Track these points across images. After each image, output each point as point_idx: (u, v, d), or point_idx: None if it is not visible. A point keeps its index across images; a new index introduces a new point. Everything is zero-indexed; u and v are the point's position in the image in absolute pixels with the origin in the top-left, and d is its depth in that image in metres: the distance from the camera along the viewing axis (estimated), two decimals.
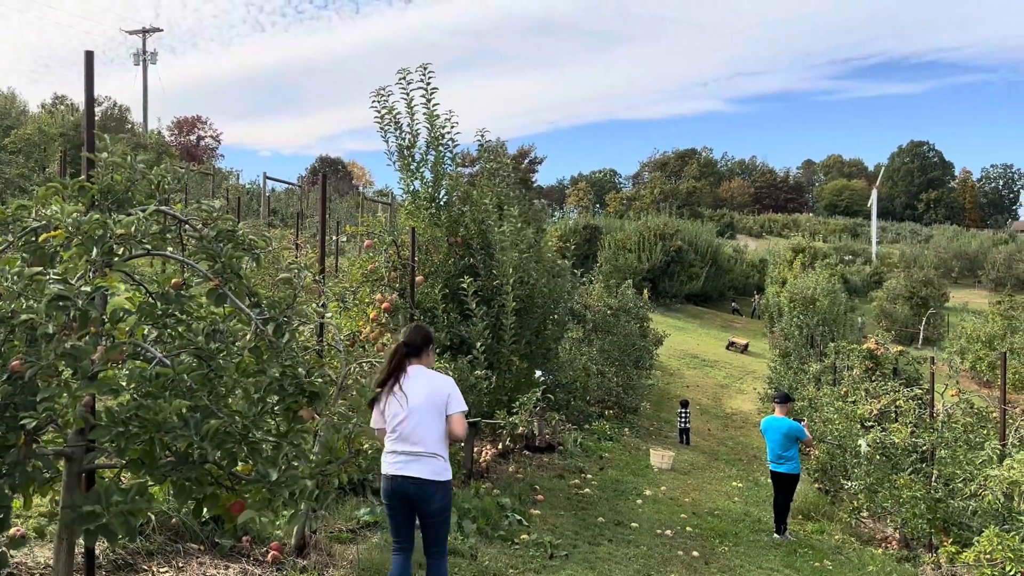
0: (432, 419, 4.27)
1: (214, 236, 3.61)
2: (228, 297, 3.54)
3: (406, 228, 7.86)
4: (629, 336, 17.47)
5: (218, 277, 3.53)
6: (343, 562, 5.18)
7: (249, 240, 3.69)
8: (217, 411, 3.21)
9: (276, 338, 3.49)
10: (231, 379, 3.32)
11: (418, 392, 4.29)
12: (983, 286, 60.68)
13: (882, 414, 11.05)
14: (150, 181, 3.77)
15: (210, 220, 3.67)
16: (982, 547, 5.67)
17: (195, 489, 3.28)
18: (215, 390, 3.27)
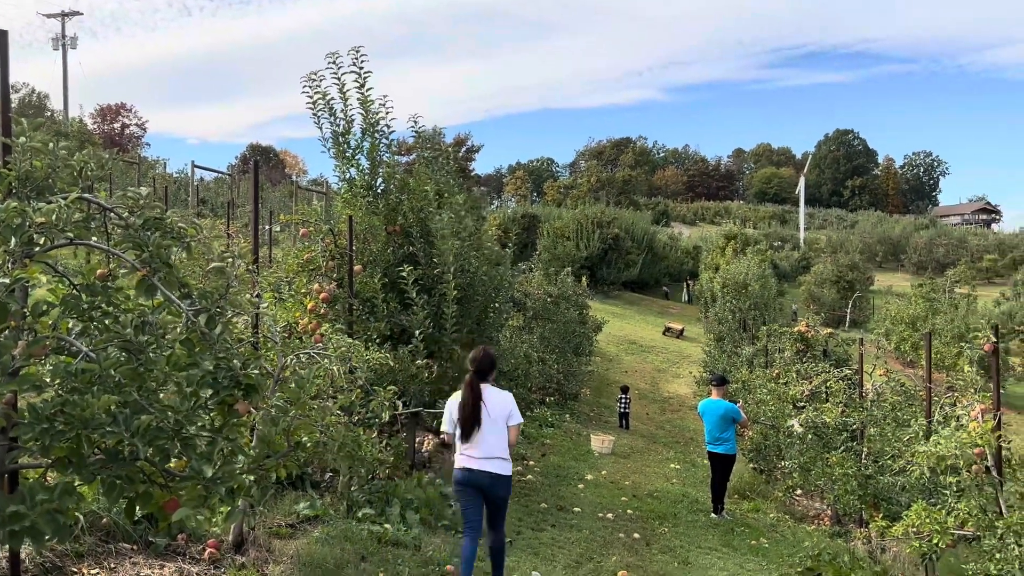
0: (498, 429, 5.44)
1: (141, 224, 3.47)
2: (157, 288, 3.41)
3: (343, 217, 7.72)
4: (569, 323, 17.60)
5: (146, 267, 3.40)
6: (283, 557, 5.08)
7: (178, 228, 3.57)
8: (148, 406, 3.09)
9: (209, 330, 3.38)
10: (162, 373, 3.21)
11: (490, 409, 5.44)
12: (906, 269, 63.15)
13: (813, 394, 11.38)
14: (72, 168, 3.60)
15: (136, 208, 3.54)
16: (910, 521, 5.89)
17: (127, 487, 3.16)
18: (145, 384, 3.15)
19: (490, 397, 5.48)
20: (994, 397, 5.87)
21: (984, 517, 5.55)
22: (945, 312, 27.76)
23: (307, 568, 4.90)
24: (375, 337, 7.84)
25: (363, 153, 8.64)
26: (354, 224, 7.95)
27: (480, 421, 5.39)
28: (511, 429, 5.48)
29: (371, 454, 5.23)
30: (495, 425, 5.42)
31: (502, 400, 5.51)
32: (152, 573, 4.74)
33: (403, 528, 6.12)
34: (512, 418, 5.49)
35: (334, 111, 8.46)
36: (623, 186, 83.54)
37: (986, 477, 5.74)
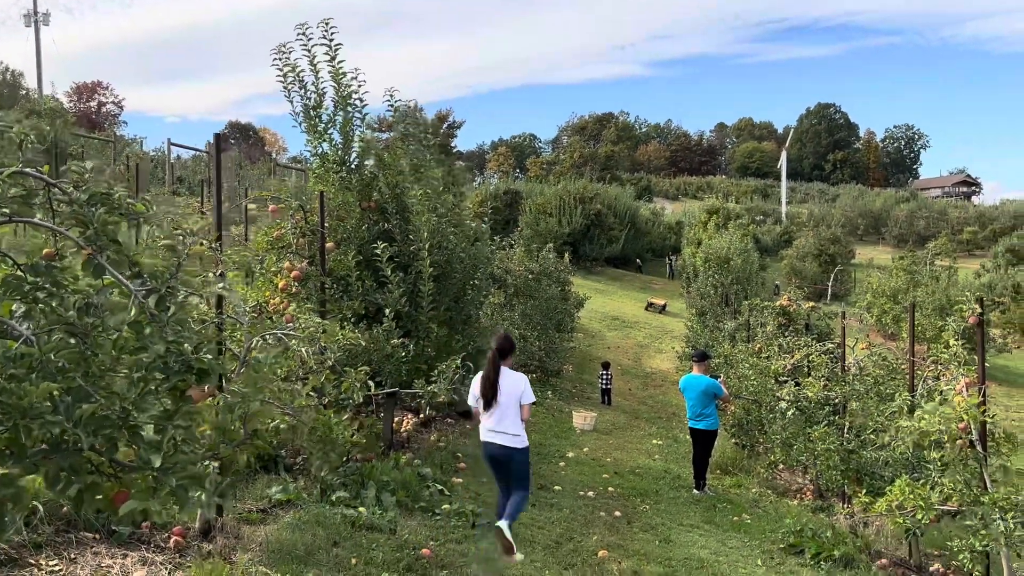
0: (512, 407, 6.08)
1: (86, 200, 3.26)
2: (105, 268, 3.21)
3: (315, 193, 7.49)
4: (551, 300, 17.45)
5: (91, 245, 3.19)
6: (252, 544, 4.91)
7: (127, 204, 3.36)
8: (93, 393, 2.90)
9: (159, 311, 3.18)
10: (109, 357, 3.01)
11: (505, 388, 6.08)
12: (887, 243, 63.47)
13: (795, 369, 11.33)
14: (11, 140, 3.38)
15: (82, 183, 3.32)
16: (894, 496, 5.82)
17: (73, 479, 2.98)
18: (91, 370, 2.96)
19: (505, 378, 6.13)
20: (979, 370, 5.78)
21: (969, 492, 5.49)
22: (926, 285, 27.89)
23: (276, 555, 4.75)
24: (349, 316, 7.65)
25: (335, 127, 8.39)
26: (327, 200, 7.72)
27: (497, 397, 6.07)
28: (524, 407, 6.12)
29: (343, 437, 5.06)
30: (509, 403, 6.08)
31: (515, 381, 6.15)
32: (114, 563, 4.57)
33: (378, 511, 5.97)
34: (525, 397, 6.13)
35: (305, 84, 8.19)
36: (606, 162, 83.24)
37: (970, 452, 5.66)
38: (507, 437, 6.05)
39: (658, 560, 6.41)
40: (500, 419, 6.06)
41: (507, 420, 6.05)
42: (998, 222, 63.30)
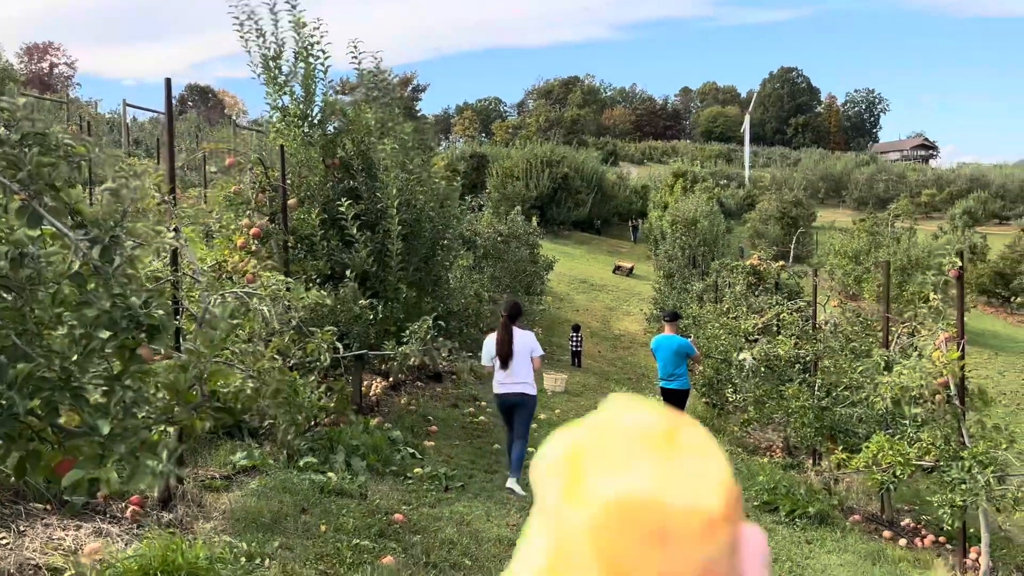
0: (525, 360, 6.95)
1: (18, 140, 2.95)
2: (42, 215, 2.91)
3: (275, 148, 7.14)
4: (520, 262, 17.24)
5: (25, 190, 2.89)
6: (215, 512, 4.68)
7: (65, 145, 3.05)
8: (30, 352, 2.63)
9: (103, 263, 2.89)
10: (47, 313, 2.74)
11: (518, 347, 6.92)
12: (847, 205, 64.19)
13: (765, 328, 11.30)
14: None
15: (13, 122, 3.00)
16: (871, 452, 5.76)
17: (11, 446, 2.71)
18: (26, 327, 2.68)
19: (517, 336, 6.97)
20: (958, 325, 5.71)
21: (947, 447, 5.44)
22: (888, 245, 28.19)
23: (240, 523, 4.52)
24: (314, 276, 7.36)
25: (296, 79, 7.99)
26: (289, 156, 7.38)
27: (512, 354, 6.87)
28: (535, 359, 7.02)
29: (310, 400, 4.82)
30: (522, 357, 6.94)
31: (526, 338, 7.03)
32: (66, 535, 4.31)
33: (348, 476, 5.77)
34: (535, 351, 7.03)
35: (263, 33, 7.78)
36: (572, 126, 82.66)
37: (948, 407, 5.61)
38: (522, 385, 6.93)
39: None
40: (515, 372, 6.91)
41: (521, 372, 6.93)
42: (955, 185, 64.24)
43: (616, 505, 0.39)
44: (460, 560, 4.71)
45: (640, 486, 0.39)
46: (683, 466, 0.40)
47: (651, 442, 0.41)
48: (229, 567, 3.92)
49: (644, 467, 0.40)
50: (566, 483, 0.41)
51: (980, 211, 51.69)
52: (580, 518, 0.39)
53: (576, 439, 0.43)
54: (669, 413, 0.44)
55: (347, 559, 4.34)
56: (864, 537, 6.68)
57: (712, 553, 0.39)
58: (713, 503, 0.39)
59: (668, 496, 0.39)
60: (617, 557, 0.39)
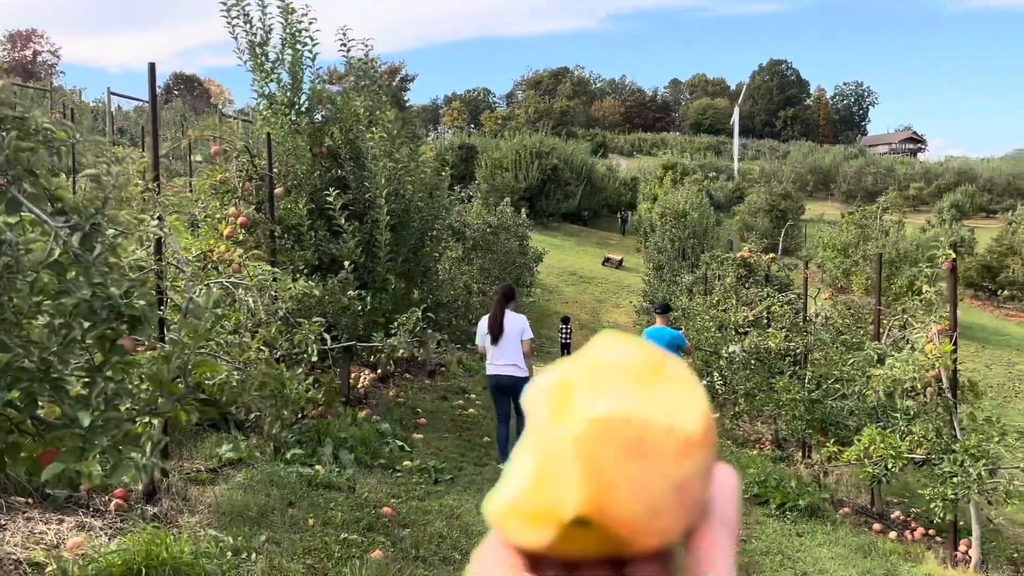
0: (515, 342, 7.11)
1: None
2: (20, 202, 2.83)
3: (262, 136, 7.03)
4: (509, 254, 17.17)
5: (3, 176, 2.80)
6: (201, 506, 4.60)
7: (45, 129, 2.96)
8: (7, 343, 2.55)
9: (83, 251, 2.81)
10: (26, 303, 2.65)
11: (509, 327, 7.11)
12: (835, 198, 64.36)
13: (755, 320, 11.28)
14: None
15: None
16: (863, 445, 5.74)
17: None
18: (4, 316, 2.60)
19: (508, 318, 7.18)
20: (951, 317, 5.68)
21: (940, 440, 5.42)
22: (876, 238, 28.28)
23: (227, 517, 4.45)
24: (302, 267, 7.28)
25: (284, 66, 7.88)
26: (276, 144, 7.27)
27: (502, 334, 7.08)
28: (524, 342, 7.16)
29: (297, 392, 4.75)
30: (512, 340, 7.11)
31: (517, 321, 7.21)
32: (48, 529, 4.22)
33: (336, 469, 5.70)
34: (525, 334, 7.19)
35: (250, 18, 7.65)
36: (561, 117, 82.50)
37: (940, 400, 5.59)
38: (512, 368, 7.08)
39: None
40: (505, 353, 7.10)
41: (511, 354, 7.09)
42: (943, 178, 64.53)
43: (600, 420, 0.41)
44: (450, 554, 4.65)
45: (624, 405, 0.41)
46: (665, 393, 0.42)
47: (637, 373, 0.43)
48: (214, 562, 3.85)
49: (629, 392, 0.42)
50: (554, 406, 0.43)
51: (967, 205, 51.97)
52: (566, 433, 0.41)
53: (565, 370, 0.45)
54: (655, 349, 0.45)
55: (335, 553, 4.27)
56: (854, 530, 6.67)
57: (687, 471, 0.41)
58: (691, 426, 0.42)
59: (650, 415, 0.41)
60: (598, 467, 0.41)
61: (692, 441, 0.42)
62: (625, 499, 0.41)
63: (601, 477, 0.41)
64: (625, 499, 0.41)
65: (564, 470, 0.41)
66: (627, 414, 0.41)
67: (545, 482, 0.42)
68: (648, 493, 0.41)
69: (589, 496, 0.41)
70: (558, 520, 0.41)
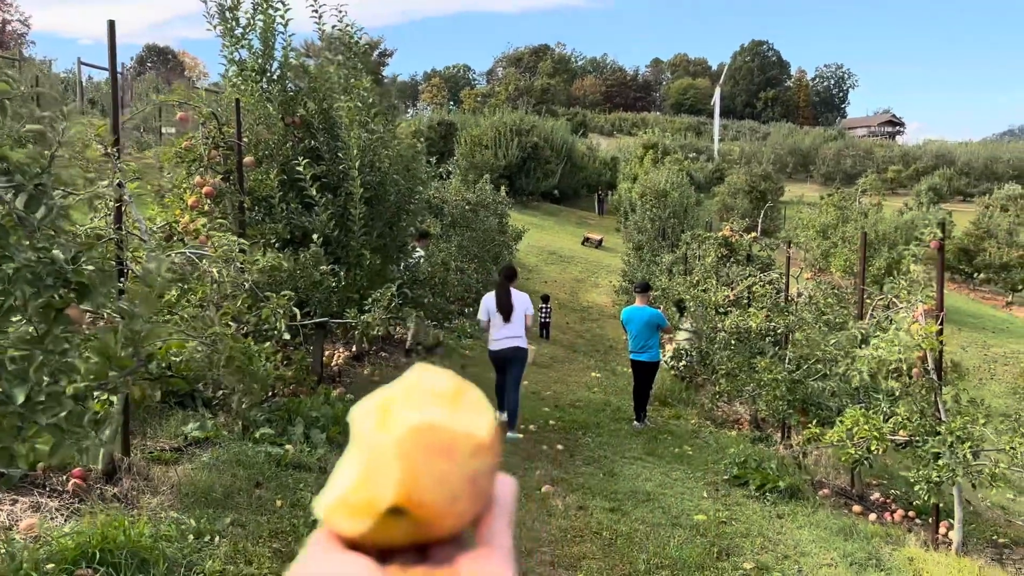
0: (519, 318, 7.99)
1: None
2: None
3: (230, 103, 6.75)
4: (488, 232, 16.93)
5: None
6: (163, 486, 4.41)
7: None
8: None
9: (27, 214, 2.59)
10: None
11: (514, 303, 7.98)
12: (814, 180, 64.59)
13: (736, 300, 11.18)
14: None
15: None
16: (846, 426, 5.65)
17: None
18: None
19: (515, 296, 8.01)
20: (937, 297, 5.58)
21: (924, 422, 5.33)
22: (855, 220, 28.36)
23: (189, 498, 4.26)
24: (273, 240, 7.05)
25: (255, 32, 7.58)
26: (246, 112, 7.00)
27: (512, 310, 7.92)
28: (527, 316, 8.09)
29: (265, 369, 4.55)
30: (517, 315, 7.97)
31: (521, 298, 8.12)
32: (1, 509, 4.01)
33: (307, 449, 5.52)
34: (528, 309, 8.13)
35: None
36: (541, 95, 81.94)
37: (925, 381, 5.50)
38: (518, 339, 7.99)
39: (603, 494, 6.16)
40: (512, 327, 7.95)
41: (517, 327, 7.98)
42: (921, 161, 64.88)
43: (417, 427, 0.50)
44: None
45: (435, 416, 0.51)
46: (464, 411, 0.53)
47: (444, 396, 0.53)
48: (175, 545, 3.67)
49: (438, 408, 0.52)
50: (378, 418, 0.52)
51: (945, 188, 52.33)
52: (388, 438, 0.50)
53: (386, 394, 0.53)
54: (458, 379, 0.55)
55: (303, 536, 4.09)
56: (835, 512, 6.61)
57: (478, 468, 0.51)
58: (483, 435, 0.51)
59: (454, 424, 0.51)
60: (414, 464, 0.49)
61: (483, 445, 0.51)
62: (431, 489, 0.49)
63: (414, 471, 0.49)
64: (431, 489, 0.49)
65: (385, 468, 0.49)
66: (438, 422, 0.50)
67: (368, 479, 0.50)
68: (449, 484, 0.50)
69: (403, 488, 0.49)
70: (376, 510, 0.49)
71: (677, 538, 5.29)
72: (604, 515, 5.59)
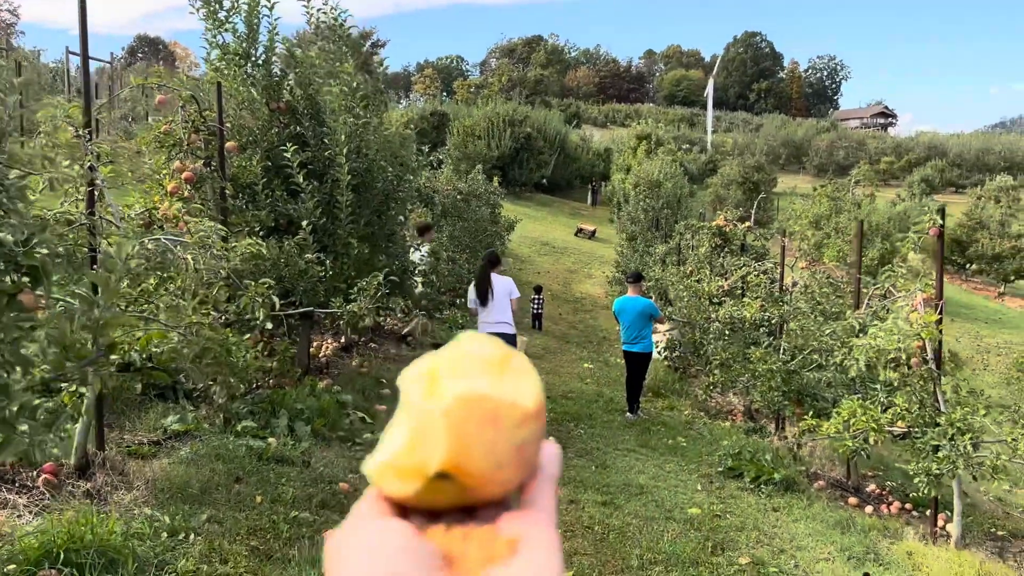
0: (504, 302, 7.99)
1: None
2: None
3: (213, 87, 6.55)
4: (480, 222, 16.77)
5: None
6: (138, 482, 4.24)
7: None
8: None
9: None
10: None
11: (497, 289, 7.99)
12: (807, 172, 64.55)
13: (728, 291, 11.05)
14: None
15: None
16: (842, 418, 5.52)
17: None
18: None
19: (496, 281, 8.04)
20: (936, 285, 5.45)
21: (923, 413, 5.20)
22: (849, 211, 28.27)
23: (165, 494, 4.10)
24: (257, 228, 6.87)
25: (239, 15, 7.38)
26: (229, 96, 6.81)
27: (491, 295, 7.99)
28: (512, 301, 8.04)
29: (245, 361, 4.39)
30: (502, 299, 7.98)
31: (504, 282, 8.12)
32: None
33: (291, 442, 5.36)
34: (513, 293, 8.07)
35: None
36: (535, 86, 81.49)
37: (924, 371, 5.37)
38: (503, 325, 7.91)
39: (596, 487, 6.03)
40: (496, 312, 7.96)
41: (501, 313, 7.98)
42: (913, 153, 64.85)
43: (464, 397, 0.51)
44: None
45: (482, 386, 0.51)
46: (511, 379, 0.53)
47: (490, 364, 0.54)
48: (147, 543, 3.51)
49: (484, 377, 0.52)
50: (426, 386, 0.52)
51: (937, 179, 52.34)
52: (436, 406, 0.51)
53: (433, 361, 0.54)
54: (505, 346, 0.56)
55: (283, 533, 3.95)
56: (831, 504, 6.49)
57: (525, 436, 0.52)
58: (529, 404, 0.52)
59: (500, 394, 0.51)
60: (462, 433, 0.50)
61: (529, 414, 0.52)
62: (478, 456, 0.50)
63: (461, 440, 0.50)
64: (478, 456, 0.50)
65: (433, 435, 0.50)
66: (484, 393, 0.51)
67: (416, 445, 0.51)
68: (495, 453, 0.51)
69: (450, 455, 0.50)
70: (424, 474, 0.50)
71: (671, 532, 5.16)
72: (596, 509, 5.45)
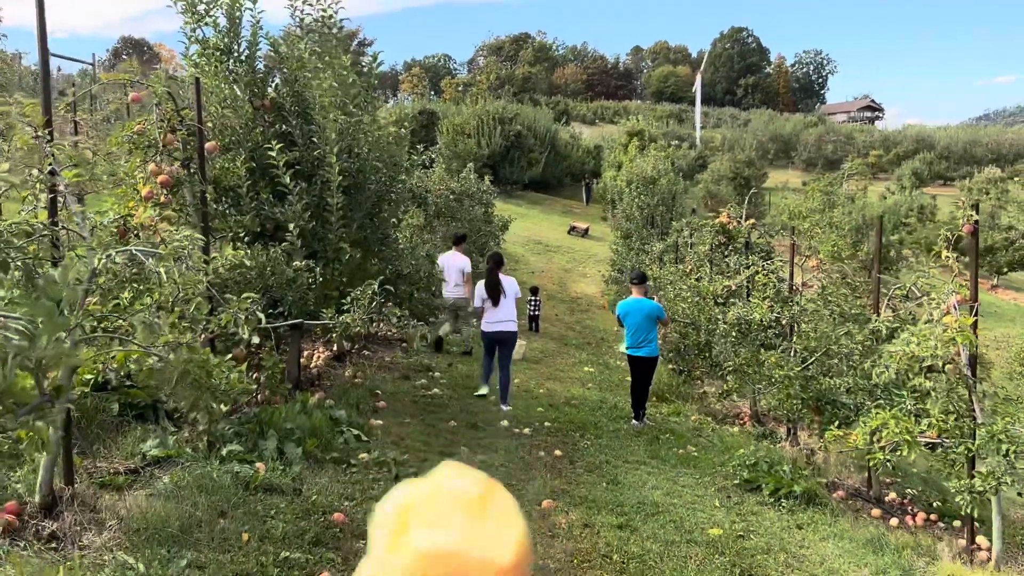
0: (511, 301, 8.57)
1: None
2: None
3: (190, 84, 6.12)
4: (473, 221, 16.39)
5: None
6: (111, 520, 3.82)
7: None
8: None
9: None
10: None
11: (504, 288, 8.52)
12: (796, 166, 64.41)
13: (733, 291, 10.68)
14: None
15: None
16: (872, 427, 5.16)
17: None
18: None
19: (504, 282, 8.55)
20: (971, 286, 5.09)
21: (960, 423, 4.84)
22: (842, 205, 28.03)
23: (140, 534, 3.68)
24: (241, 234, 6.45)
25: (220, 8, 6.95)
26: (209, 94, 6.38)
27: (502, 295, 8.47)
28: (517, 300, 8.70)
29: (227, 383, 3.97)
30: (507, 299, 8.55)
31: (510, 283, 8.65)
32: None
33: (280, 467, 4.95)
34: (517, 293, 8.70)
35: None
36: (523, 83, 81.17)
37: (960, 379, 5.01)
38: (508, 323, 8.54)
39: (609, 508, 5.64)
40: (503, 311, 8.49)
41: (508, 311, 8.52)
42: (901, 146, 64.78)
43: (426, 554, 0.50)
44: None
45: (449, 540, 0.50)
46: (488, 526, 0.51)
47: (466, 505, 0.52)
48: None
49: (456, 525, 0.51)
50: (391, 534, 0.54)
51: (926, 172, 52.29)
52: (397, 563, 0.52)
53: (407, 498, 0.55)
54: (487, 482, 0.55)
55: None
56: (855, 517, 6.14)
57: None
58: (505, 559, 0.51)
59: (469, 550, 0.50)
60: None
61: (504, 571, 0.51)
62: None
63: None
64: None
65: None
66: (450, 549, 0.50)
67: None
68: None
69: None
70: None
71: (694, 558, 4.78)
72: (612, 533, 5.07)
